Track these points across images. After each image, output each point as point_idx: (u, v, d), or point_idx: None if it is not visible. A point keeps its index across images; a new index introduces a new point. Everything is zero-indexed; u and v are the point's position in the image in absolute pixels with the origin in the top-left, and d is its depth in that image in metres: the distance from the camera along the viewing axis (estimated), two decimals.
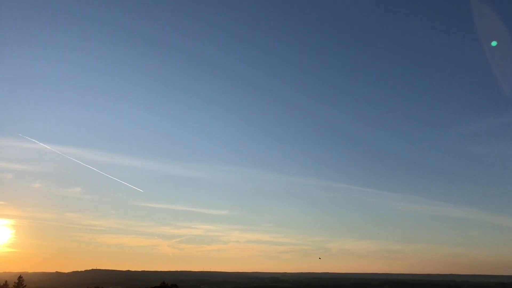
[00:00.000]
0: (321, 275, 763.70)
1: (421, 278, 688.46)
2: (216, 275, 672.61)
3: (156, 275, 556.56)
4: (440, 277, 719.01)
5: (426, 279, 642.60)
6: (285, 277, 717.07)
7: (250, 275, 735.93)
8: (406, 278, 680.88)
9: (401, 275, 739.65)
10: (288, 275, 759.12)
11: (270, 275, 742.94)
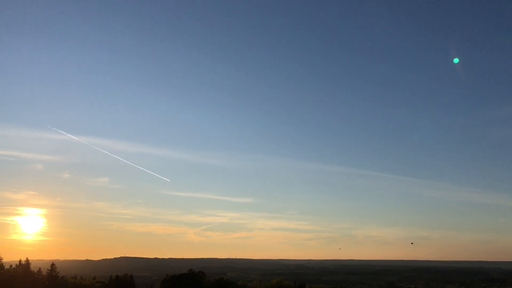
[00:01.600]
0: (347, 262, 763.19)
1: (449, 265, 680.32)
2: (242, 262, 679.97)
3: (183, 262, 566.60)
4: (468, 263, 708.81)
5: (453, 266, 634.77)
6: (311, 264, 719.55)
7: (275, 262, 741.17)
8: (433, 265, 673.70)
9: (428, 262, 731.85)
10: (314, 262, 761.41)
11: (295, 262, 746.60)
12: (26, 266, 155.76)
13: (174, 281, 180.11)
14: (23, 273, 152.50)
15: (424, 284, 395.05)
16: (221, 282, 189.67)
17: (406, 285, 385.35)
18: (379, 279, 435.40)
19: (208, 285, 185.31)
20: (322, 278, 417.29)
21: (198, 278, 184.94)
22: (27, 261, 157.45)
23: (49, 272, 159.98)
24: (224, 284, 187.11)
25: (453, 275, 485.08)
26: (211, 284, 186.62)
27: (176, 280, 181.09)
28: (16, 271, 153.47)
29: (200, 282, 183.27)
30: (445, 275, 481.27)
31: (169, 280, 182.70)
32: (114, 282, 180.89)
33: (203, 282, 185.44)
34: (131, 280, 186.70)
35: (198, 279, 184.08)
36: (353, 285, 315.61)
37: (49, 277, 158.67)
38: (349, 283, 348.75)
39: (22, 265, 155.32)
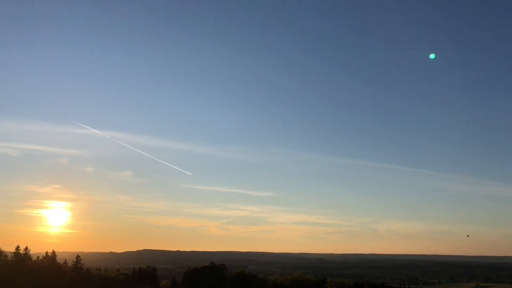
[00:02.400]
0: (368, 256, 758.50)
1: (473, 260, 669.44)
2: (263, 255, 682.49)
3: (204, 255, 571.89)
4: (493, 259, 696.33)
5: (478, 261, 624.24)
6: (332, 258, 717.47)
7: (296, 256, 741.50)
8: (457, 259, 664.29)
9: (451, 257, 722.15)
10: (335, 256, 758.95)
11: (316, 256, 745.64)
12: (53, 258, 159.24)
13: (196, 274, 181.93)
14: (49, 264, 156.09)
15: (447, 278, 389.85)
16: (242, 275, 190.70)
17: (429, 279, 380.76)
18: (401, 273, 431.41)
19: (230, 277, 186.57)
20: (343, 272, 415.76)
21: (220, 271, 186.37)
22: (53, 253, 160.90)
23: (74, 264, 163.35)
24: (245, 277, 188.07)
25: (477, 270, 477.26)
26: (233, 277, 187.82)
27: (198, 272, 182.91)
28: (43, 262, 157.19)
29: (221, 274, 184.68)
30: (469, 270, 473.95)
31: (191, 273, 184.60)
32: (138, 274, 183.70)
33: (225, 275, 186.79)
34: (154, 272, 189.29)
35: (220, 272, 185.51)
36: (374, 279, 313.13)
37: (74, 268, 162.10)
38: (370, 277, 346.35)
39: (48, 257, 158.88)
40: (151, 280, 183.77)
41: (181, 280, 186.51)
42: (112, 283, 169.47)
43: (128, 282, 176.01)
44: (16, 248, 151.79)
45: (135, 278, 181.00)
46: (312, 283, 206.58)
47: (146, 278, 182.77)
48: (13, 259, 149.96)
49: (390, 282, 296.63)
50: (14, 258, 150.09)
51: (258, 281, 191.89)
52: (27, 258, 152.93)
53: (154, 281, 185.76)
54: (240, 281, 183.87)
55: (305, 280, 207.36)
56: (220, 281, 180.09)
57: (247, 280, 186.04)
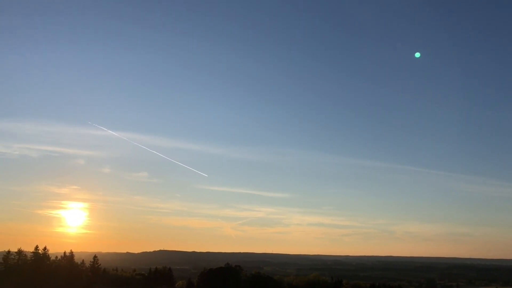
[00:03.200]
0: (385, 259, 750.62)
1: (492, 263, 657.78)
2: (278, 257, 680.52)
3: (220, 256, 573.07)
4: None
5: (497, 264, 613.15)
6: (348, 259, 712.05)
7: (312, 258, 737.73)
8: (476, 262, 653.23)
9: (469, 260, 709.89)
10: (351, 258, 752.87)
11: (332, 257, 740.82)
12: (70, 258, 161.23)
13: (212, 275, 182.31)
14: (67, 264, 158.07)
15: (466, 282, 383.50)
16: (258, 276, 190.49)
17: (447, 282, 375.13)
18: (418, 276, 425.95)
19: (245, 279, 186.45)
20: (359, 274, 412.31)
21: (235, 272, 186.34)
22: (71, 253, 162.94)
23: (91, 264, 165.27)
24: (260, 279, 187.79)
25: (497, 273, 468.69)
26: (248, 278, 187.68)
27: (213, 273, 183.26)
28: (61, 262, 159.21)
29: (237, 275, 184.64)
30: (488, 273, 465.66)
31: (207, 274, 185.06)
32: (154, 275, 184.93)
33: (240, 276, 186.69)
34: (169, 273, 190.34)
35: (235, 273, 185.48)
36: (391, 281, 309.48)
37: (91, 268, 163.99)
38: (387, 279, 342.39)
39: (66, 256, 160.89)
40: (167, 281, 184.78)
41: (197, 281, 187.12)
42: (129, 283, 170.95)
43: (144, 282, 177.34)
44: (35, 248, 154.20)
45: (151, 278, 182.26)
46: (328, 285, 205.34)
47: (162, 279, 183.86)
48: (32, 258, 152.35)
49: (407, 285, 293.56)
50: (33, 258, 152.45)
51: (274, 282, 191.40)
52: (45, 257, 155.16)
53: (170, 281, 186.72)
54: (256, 282, 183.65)
55: (321, 282, 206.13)
56: (235, 282, 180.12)
57: (263, 281, 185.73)
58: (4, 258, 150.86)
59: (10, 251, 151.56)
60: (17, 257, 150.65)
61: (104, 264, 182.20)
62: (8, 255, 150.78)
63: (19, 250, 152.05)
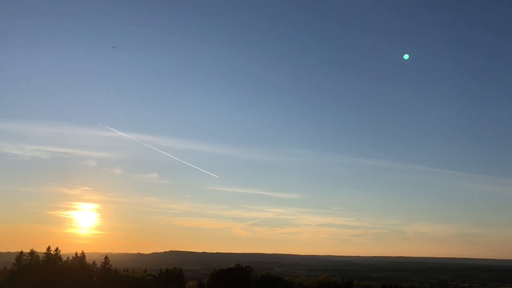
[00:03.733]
0: (396, 259, 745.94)
1: (505, 263, 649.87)
2: (289, 257, 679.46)
3: (230, 256, 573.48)
4: None
5: (511, 265, 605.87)
6: (359, 260, 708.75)
7: (322, 258, 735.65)
8: (488, 263, 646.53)
9: (482, 260, 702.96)
10: (362, 259, 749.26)
11: (343, 258, 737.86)
12: (82, 258, 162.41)
13: (222, 275, 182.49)
14: (79, 265, 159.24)
15: (479, 283, 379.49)
16: (268, 277, 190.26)
17: (459, 283, 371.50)
18: (430, 276, 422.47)
19: (256, 279, 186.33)
20: (370, 275, 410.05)
21: (245, 273, 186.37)
22: (83, 253, 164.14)
23: (103, 265, 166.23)
24: (271, 279, 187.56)
25: (510, 274, 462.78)
26: (258, 278, 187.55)
27: (224, 274, 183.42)
28: (73, 263, 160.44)
29: (247, 276, 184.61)
30: (501, 274, 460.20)
31: (217, 274, 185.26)
32: (164, 275, 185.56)
33: (250, 277, 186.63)
34: (180, 273, 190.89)
35: (245, 274, 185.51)
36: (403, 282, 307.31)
37: (103, 269, 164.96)
38: (398, 280, 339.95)
39: (78, 257, 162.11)
40: (177, 281, 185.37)
41: (207, 281, 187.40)
42: (140, 283, 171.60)
43: (155, 283, 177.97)
44: (47, 249, 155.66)
45: (162, 279, 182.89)
46: (339, 285, 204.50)
47: (173, 279, 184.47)
48: (44, 259, 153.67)
49: (419, 286, 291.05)
50: (46, 259, 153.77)
51: (284, 283, 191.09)
52: (57, 258, 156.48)
53: (181, 282, 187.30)
54: (266, 283, 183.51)
55: (331, 282, 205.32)
56: (246, 282, 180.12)
57: (273, 282, 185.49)
58: (17, 259, 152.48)
59: (22, 252, 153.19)
60: (29, 258, 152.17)
61: (115, 265, 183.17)
62: (21, 256, 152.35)
63: (31, 251, 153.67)
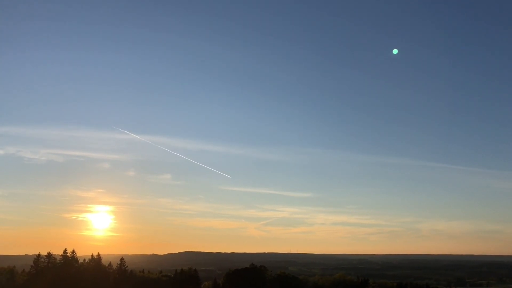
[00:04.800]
0: (412, 257, 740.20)
1: None
2: (303, 256, 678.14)
3: (244, 256, 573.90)
4: None
5: None
6: (374, 258, 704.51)
7: (337, 257, 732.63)
8: (506, 260, 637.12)
9: (500, 257, 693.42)
10: (377, 257, 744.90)
11: (358, 257, 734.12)
12: (98, 260, 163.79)
13: (237, 275, 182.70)
14: (95, 266, 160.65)
15: (496, 280, 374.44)
16: (283, 276, 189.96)
17: (476, 281, 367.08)
18: (446, 274, 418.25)
19: (270, 279, 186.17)
20: (386, 273, 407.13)
21: (260, 272, 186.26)
22: (99, 255, 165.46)
23: (118, 266, 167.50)
24: (286, 279, 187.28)
25: None
26: (273, 278, 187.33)
27: (239, 274, 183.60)
28: (89, 265, 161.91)
29: (262, 276, 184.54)
30: None
31: (232, 274, 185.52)
32: (180, 276, 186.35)
33: (265, 276, 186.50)
34: (195, 273, 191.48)
35: (260, 273, 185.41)
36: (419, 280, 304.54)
37: (119, 270, 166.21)
38: (414, 278, 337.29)
39: (94, 259, 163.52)
40: (193, 282, 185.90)
41: (222, 281, 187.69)
42: (155, 284, 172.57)
43: (171, 283, 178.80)
44: (64, 251, 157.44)
45: (177, 279, 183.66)
46: (354, 284, 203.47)
47: (188, 280, 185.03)
48: (61, 261, 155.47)
49: (435, 284, 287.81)
50: (63, 261, 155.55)
51: (299, 282, 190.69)
52: (74, 260, 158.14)
53: (196, 282, 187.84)
54: (281, 282, 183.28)
55: (346, 281, 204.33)
56: (261, 282, 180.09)
57: (288, 281, 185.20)
58: (34, 262, 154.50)
59: (40, 255, 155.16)
60: (47, 260, 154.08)
61: (130, 266, 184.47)
62: (38, 258, 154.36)
63: (48, 253, 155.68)
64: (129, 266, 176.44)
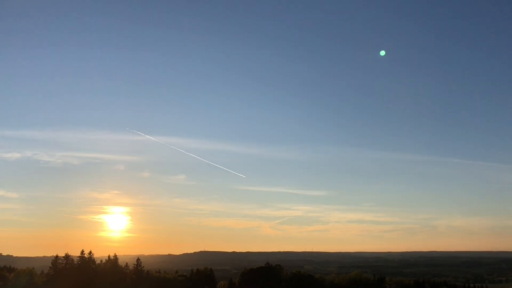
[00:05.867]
0: (429, 254, 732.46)
1: None
2: (319, 255, 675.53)
3: (260, 255, 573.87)
4: None
5: None
6: (390, 256, 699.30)
7: (353, 255, 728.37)
8: None
9: None
10: (393, 255, 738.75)
11: (374, 254, 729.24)
12: (115, 261, 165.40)
13: (252, 274, 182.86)
14: (112, 267, 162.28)
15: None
16: (299, 275, 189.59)
17: (495, 277, 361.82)
18: (465, 271, 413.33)
19: (286, 278, 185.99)
20: (402, 270, 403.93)
21: (276, 271, 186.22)
22: (115, 256, 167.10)
23: (135, 267, 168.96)
24: (301, 277, 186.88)
25: None
26: (289, 277, 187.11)
27: (254, 273, 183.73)
28: (106, 265, 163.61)
29: (277, 275, 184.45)
30: None
31: (247, 273, 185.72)
32: (196, 276, 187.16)
33: (281, 275, 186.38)
34: (211, 273, 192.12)
35: (276, 272, 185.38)
36: (436, 277, 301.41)
37: (135, 271, 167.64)
38: (432, 275, 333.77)
39: (111, 260, 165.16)
40: (208, 281, 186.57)
41: (238, 281, 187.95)
42: (172, 284, 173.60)
43: (187, 283, 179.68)
44: (81, 252, 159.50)
45: (193, 279, 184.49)
46: (371, 282, 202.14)
47: (204, 279, 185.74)
48: (79, 262, 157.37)
49: (453, 281, 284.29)
50: (80, 262, 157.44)
51: (315, 281, 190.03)
52: (91, 261, 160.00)
53: (212, 282, 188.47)
54: (297, 281, 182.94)
55: (363, 279, 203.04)
56: (276, 281, 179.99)
57: (304, 280, 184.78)
58: (53, 263, 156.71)
59: (58, 256, 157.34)
60: (64, 262, 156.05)
61: (147, 267, 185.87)
62: (56, 259, 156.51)
63: (66, 254, 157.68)
64: (145, 266, 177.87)
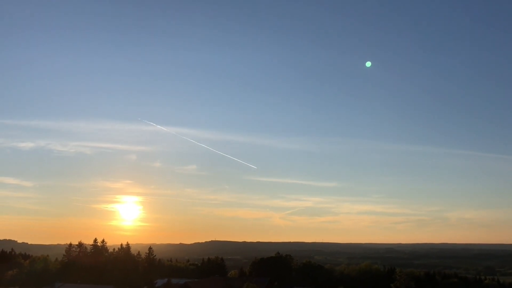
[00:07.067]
0: (439, 246, 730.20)
1: None
2: (329, 246, 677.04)
3: (270, 246, 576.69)
4: None
5: None
6: (401, 247, 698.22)
7: (363, 246, 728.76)
8: None
9: None
10: (404, 246, 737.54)
11: (384, 246, 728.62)
12: (127, 249, 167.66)
13: (263, 264, 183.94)
14: (124, 256, 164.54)
15: None
16: (309, 265, 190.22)
17: (507, 270, 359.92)
18: (476, 263, 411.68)
19: (296, 268, 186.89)
20: (413, 262, 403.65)
21: (286, 261, 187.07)
22: (128, 245, 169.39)
23: (147, 255, 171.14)
24: (311, 268, 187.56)
25: None
26: (299, 267, 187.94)
27: (265, 263, 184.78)
28: (119, 254, 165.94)
29: (288, 265, 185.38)
30: None
31: (258, 263, 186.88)
32: (207, 265, 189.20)
33: (291, 265, 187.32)
34: (222, 262, 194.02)
35: (286, 262, 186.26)
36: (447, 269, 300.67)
37: (147, 259, 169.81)
38: (442, 267, 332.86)
39: (123, 248, 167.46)
40: (219, 271, 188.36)
41: (249, 270, 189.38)
42: (183, 273, 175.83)
43: (198, 272, 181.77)
44: (94, 241, 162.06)
45: (204, 268, 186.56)
46: (381, 273, 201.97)
47: (215, 268, 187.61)
48: (92, 251, 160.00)
49: (464, 273, 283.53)
50: (93, 250, 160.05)
51: (325, 271, 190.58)
52: (104, 250, 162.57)
53: (223, 271, 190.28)
54: (307, 271, 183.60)
55: (373, 270, 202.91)
56: (286, 271, 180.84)
57: (314, 270, 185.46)
58: (66, 251, 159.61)
59: (71, 244, 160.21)
60: (78, 250, 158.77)
61: (158, 255, 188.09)
62: (70, 248, 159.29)
63: (79, 243, 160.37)
64: (157, 255, 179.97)
